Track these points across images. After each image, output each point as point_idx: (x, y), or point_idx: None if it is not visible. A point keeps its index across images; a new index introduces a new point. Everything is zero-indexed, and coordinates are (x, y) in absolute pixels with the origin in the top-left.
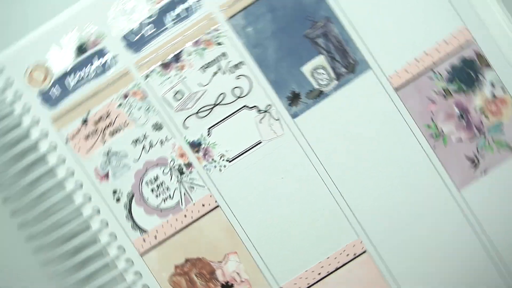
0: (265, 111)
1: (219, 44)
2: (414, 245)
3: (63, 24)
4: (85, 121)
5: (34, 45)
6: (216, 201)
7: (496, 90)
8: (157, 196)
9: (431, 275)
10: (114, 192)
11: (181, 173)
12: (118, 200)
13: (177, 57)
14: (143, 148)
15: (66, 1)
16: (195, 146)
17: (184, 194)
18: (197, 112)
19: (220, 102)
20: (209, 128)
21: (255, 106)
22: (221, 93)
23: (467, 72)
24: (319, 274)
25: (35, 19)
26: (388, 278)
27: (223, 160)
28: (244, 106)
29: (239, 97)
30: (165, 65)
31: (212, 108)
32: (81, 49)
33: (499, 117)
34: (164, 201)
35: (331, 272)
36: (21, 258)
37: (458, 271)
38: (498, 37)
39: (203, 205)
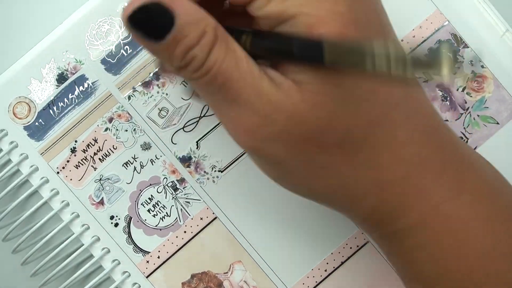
0: None
1: None
2: None
3: (40, 56)
4: (73, 150)
5: (14, 80)
6: (213, 213)
7: (475, 68)
8: (154, 215)
9: None
10: (111, 217)
11: (175, 189)
12: (116, 225)
13: (157, 75)
14: (135, 169)
15: (40, 33)
16: (186, 160)
17: (181, 210)
18: (183, 127)
19: (205, 114)
20: (197, 141)
21: None
22: (205, 105)
23: None
24: (325, 270)
25: (11, 55)
26: None
27: (215, 171)
28: None
29: None
30: (146, 84)
31: (198, 121)
32: (61, 78)
33: (482, 93)
34: (162, 219)
35: (337, 267)
36: None
37: None
38: (470, 16)
39: (201, 219)
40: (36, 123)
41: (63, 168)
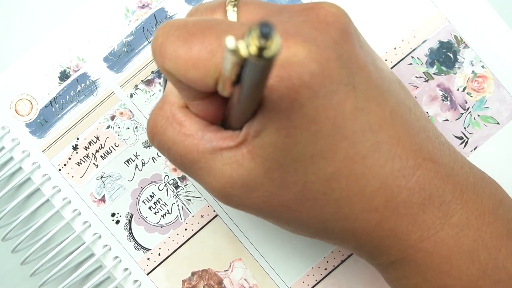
0: None
1: None
2: None
3: (42, 53)
4: (75, 147)
5: (16, 77)
6: (214, 211)
7: (475, 68)
8: (155, 213)
9: None
10: (113, 214)
11: (176, 187)
12: (117, 222)
13: (159, 73)
14: (136, 167)
15: (43, 30)
16: None
17: (182, 207)
18: None
19: None
20: None
21: None
22: None
23: (445, 54)
24: (326, 269)
25: (13, 52)
26: None
27: None
28: None
29: None
30: (148, 82)
31: None
32: (63, 76)
33: (482, 93)
34: (163, 217)
35: (337, 266)
36: None
37: None
38: (471, 16)
39: (202, 216)
40: (38, 120)
41: (65, 165)
